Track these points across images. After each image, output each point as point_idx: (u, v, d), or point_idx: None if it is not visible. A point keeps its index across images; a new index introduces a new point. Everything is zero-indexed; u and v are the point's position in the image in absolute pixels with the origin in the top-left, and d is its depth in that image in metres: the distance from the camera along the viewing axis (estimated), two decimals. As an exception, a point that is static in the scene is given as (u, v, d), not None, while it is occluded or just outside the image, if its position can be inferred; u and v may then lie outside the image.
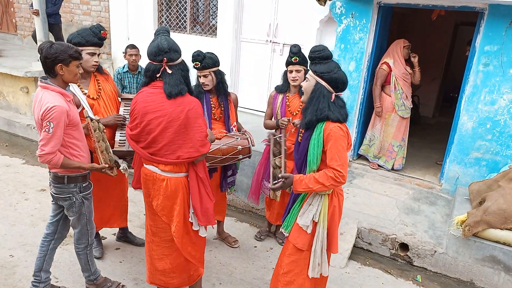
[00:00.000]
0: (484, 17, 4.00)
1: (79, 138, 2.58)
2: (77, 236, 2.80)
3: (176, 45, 2.44)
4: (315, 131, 2.31)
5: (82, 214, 2.70)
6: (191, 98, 2.45)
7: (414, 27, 7.65)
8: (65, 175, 2.57)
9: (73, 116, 2.49)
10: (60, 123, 2.37)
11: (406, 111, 4.91)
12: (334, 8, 4.74)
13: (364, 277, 3.47)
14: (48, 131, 2.35)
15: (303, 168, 2.45)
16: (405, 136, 5.05)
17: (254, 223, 4.23)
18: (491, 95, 4.06)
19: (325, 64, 2.36)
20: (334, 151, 2.25)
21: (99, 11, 7.48)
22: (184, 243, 2.63)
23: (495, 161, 4.16)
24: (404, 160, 5.09)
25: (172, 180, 2.50)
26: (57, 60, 2.38)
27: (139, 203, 4.42)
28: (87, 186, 2.71)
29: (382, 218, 3.97)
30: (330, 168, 2.25)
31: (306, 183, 2.29)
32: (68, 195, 2.61)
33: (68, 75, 2.46)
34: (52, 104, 2.34)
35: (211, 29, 6.26)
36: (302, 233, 2.42)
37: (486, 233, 3.33)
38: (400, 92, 4.83)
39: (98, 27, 2.96)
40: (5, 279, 3.07)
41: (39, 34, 5.97)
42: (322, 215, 2.37)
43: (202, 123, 2.45)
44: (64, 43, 2.44)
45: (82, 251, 2.85)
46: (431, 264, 3.59)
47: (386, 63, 4.81)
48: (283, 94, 3.43)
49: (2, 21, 9.82)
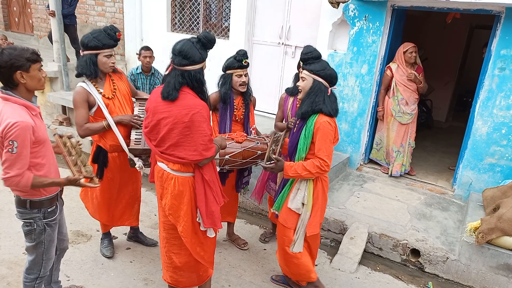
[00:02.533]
0: (500, 21, 3.94)
1: (45, 156, 2.28)
2: (29, 265, 2.45)
3: (190, 53, 2.33)
4: (307, 123, 2.63)
5: (40, 242, 2.38)
6: (198, 102, 2.40)
7: (428, 30, 7.57)
8: (27, 199, 2.26)
9: (40, 132, 2.19)
10: (25, 141, 2.07)
11: (404, 117, 4.79)
12: (347, 11, 4.72)
13: (374, 283, 3.44)
14: (11, 151, 2.05)
15: (293, 155, 2.77)
16: (405, 142, 4.88)
17: (263, 225, 4.23)
18: (507, 100, 3.99)
19: (318, 63, 2.66)
20: (322, 143, 2.58)
21: (113, 12, 7.58)
22: (193, 243, 2.64)
23: (510, 167, 4.08)
24: (403, 167, 4.90)
25: (180, 179, 2.52)
26: (14, 67, 2.07)
27: (150, 203, 4.45)
28: (53, 211, 2.39)
29: (393, 223, 3.93)
30: (317, 158, 2.59)
31: (295, 169, 2.63)
32: (29, 220, 2.31)
33: (31, 82, 2.15)
34: (14, 120, 2.04)
35: (223, 31, 6.29)
36: (290, 214, 2.79)
37: (501, 241, 3.27)
38: (398, 98, 4.75)
39: (112, 28, 2.95)
40: (18, 276, 3.12)
41: (54, 35, 6.08)
42: (307, 198, 2.73)
43: (206, 127, 2.41)
44: (17, 47, 2.14)
45: (29, 282, 2.48)
46: (443, 271, 3.54)
47: (389, 68, 4.76)
48: (294, 97, 3.43)
49: (19, 22, 10.03)
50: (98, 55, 2.89)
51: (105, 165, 3.12)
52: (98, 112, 2.96)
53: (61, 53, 6.11)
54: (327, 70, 2.62)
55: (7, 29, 10.17)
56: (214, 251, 2.83)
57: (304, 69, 2.67)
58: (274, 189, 3.56)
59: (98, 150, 3.10)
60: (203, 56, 2.39)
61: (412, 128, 4.91)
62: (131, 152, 3.01)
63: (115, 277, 3.22)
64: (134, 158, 3.03)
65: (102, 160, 3.10)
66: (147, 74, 4.67)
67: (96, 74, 2.92)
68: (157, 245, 3.68)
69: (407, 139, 4.89)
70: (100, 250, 3.51)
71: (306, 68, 2.65)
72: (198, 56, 2.36)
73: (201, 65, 2.41)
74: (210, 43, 2.40)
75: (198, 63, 2.38)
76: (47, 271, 2.52)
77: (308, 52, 2.70)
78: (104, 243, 3.51)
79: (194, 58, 2.35)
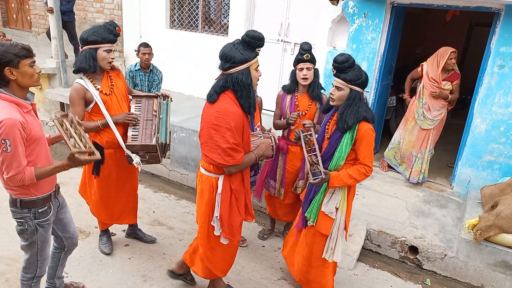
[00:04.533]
0: (500, 18, 3.93)
1: (40, 154, 2.23)
2: (25, 264, 2.44)
3: (230, 55, 2.30)
4: (349, 131, 2.56)
5: (33, 242, 2.34)
6: (230, 108, 2.32)
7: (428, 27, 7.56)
8: (17, 199, 2.22)
9: (32, 130, 2.13)
10: (16, 138, 2.02)
11: (425, 122, 4.52)
12: (347, 8, 4.70)
13: (373, 280, 3.44)
14: (6, 150, 2.01)
15: (327, 162, 2.69)
16: (424, 149, 4.59)
17: (262, 222, 4.23)
18: (506, 97, 3.99)
19: (353, 71, 2.54)
20: (367, 150, 2.58)
21: (112, 9, 7.55)
22: (204, 245, 2.67)
23: (509, 165, 4.08)
24: (421, 175, 4.63)
25: (204, 177, 2.56)
26: (2, 63, 2.02)
27: (148, 200, 4.45)
28: (45, 212, 2.32)
29: (391, 220, 3.93)
30: (362, 165, 2.59)
31: (342, 178, 2.59)
32: (21, 220, 2.27)
33: (22, 78, 2.09)
34: (0, 118, 1.99)
35: (222, 28, 6.27)
36: (325, 219, 2.73)
37: (498, 238, 3.28)
38: (422, 101, 4.53)
39: (112, 23, 2.95)
40: (17, 273, 3.12)
41: (53, 32, 6.06)
42: (342, 203, 2.71)
43: (229, 136, 2.31)
44: (5, 43, 2.08)
45: (26, 281, 2.47)
46: (441, 268, 3.55)
47: (422, 65, 4.58)
48: (292, 94, 3.40)
49: (17, 18, 9.98)
50: (97, 49, 2.89)
51: (102, 162, 3.11)
52: (95, 109, 2.96)
53: (59, 50, 6.09)
54: (363, 77, 2.55)
55: (5, 25, 10.13)
56: (228, 259, 2.81)
57: (339, 78, 2.55)
58: (273, 186, 3.56)
59: (94, 146, 3.09)
60: (245, 56, 2.31)
61: (434, 135, 4.63)
62: (128, 149, 3.01)
63: (114, 274, 3.23)
64: (132, 155, 3.03)
65: None
66: (145, 71, 4.66)
67: (95, 68, 2.90)
68: (155, 242, 3.68)
69: (427, 146, 4.60)
70: (99, 247, 3.51)
71: (343, 78, 2.53)
72: (239, 57, 2.30)
73: (245, 66, 2.31)
74: (253, 40, 2.31)
75: (240, 64, 2.31)
76: (43, 271, 2.50)
77: (344, 62, 2.51)
78: (103, 240, 3.52)
79: (235, 59, 2.29)
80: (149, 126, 3.09)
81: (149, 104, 3.19)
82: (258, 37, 2.33)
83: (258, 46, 2.37)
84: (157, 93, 3.29)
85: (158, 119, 3.12)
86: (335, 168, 2.67)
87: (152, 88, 4.72)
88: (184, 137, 4.89)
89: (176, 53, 6.51)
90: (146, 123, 3.10)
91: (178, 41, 6.47)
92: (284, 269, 3.46)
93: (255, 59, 2.37)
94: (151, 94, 3.27)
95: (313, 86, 3.28)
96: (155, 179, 5.16)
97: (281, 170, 3.49)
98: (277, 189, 3.54)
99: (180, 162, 5.02)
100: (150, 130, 3.07)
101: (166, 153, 3.25)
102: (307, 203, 2.84)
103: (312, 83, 3.27)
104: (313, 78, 3.26)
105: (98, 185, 3.20)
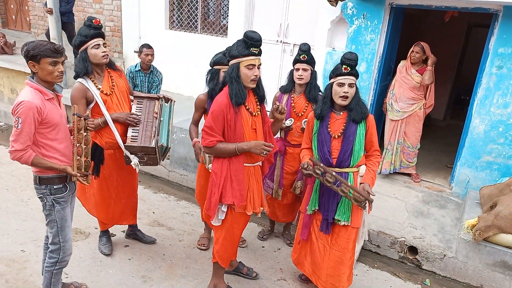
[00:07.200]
0: (498, 19, 3.95)
1: (57, 140, 2.46)
2: (50, 247, 2.63)
3: (230, 51, 2.58)
4: (360, 124, 2.70)
5: (52, 220, 2.56)
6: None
7: (426, 28, 7.58)
8: (36, 176, 2.48)
9: (49, 116, 2.38)
10: (27, 119, 2.27)
11: (393, 113, 4.69)
12: (346, 9, 4.72)
13: (372, 280, 3.45)
14: (17, 127, 2.28)
15: (347, 159, 2.73)
16: (393, 140, 4.73)
17: (262, 223, 4.23)
18: (504, 98, 4.01)
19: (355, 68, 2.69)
20: (375, 137, 2.76)
21: (111, 10, 7.55)
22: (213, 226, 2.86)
23: (507, 165, 4.10)
24: (391, 166, 4.75)
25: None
26: (28, 57, 2.32)
27: (148, 201, 4.45)
28: (60, 189, 2.53)
29: (391, 221, 3.94)
30: (375, 152, 2.78)
31: (372, 178, 2.73)
32: (40, 195, 2.53)
33: (42, 73, 2.35)
34: (21, 99, 2.28)
35: (221, 29, 6.28)
36: (357, 213, 2.79)
37: (497, 238, 3.29)
38: (393, 92, 4.73)
39: (89, 19, 2.95)
40: (17, 274, 3.12)
41: (52, 32, 6.06)
42: None
43: (209, 119, 2.60)
44: (36, 41, 2.37)
45: (49, 267, 2.64)
46: (440, 268, 3.55)
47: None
48: (288, 95, 3.40)
49: (16, 19, 9.97)
50: (86, 49, 2.91)
51: (102, 162, 3.11)
52: (96, 108, 2.96)
53: (59, 50, 6.09)
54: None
55: (4, 26, 10.11)
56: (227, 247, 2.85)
57: (352, 75, 2.66)
58: (271, 187, 3.56)
59: (94, 147, 3.09)
60: (237, 52, 2.51)
61: (408, 129, 4.67)
62: (127, 149, 3.01)
63: (114, 274, 3.23)
64: (130, 156, 3.03)
65: (98, 157, 3.09)
66: (146, 72, 4.66)
67: (87, 70, 2.92)
68: (155, 242, 3.68)
69: (395, 138, 4.72)
70: (99, 247, 3.51)
71: (354, 74, 2.66)
72: (234, 52, 2.53)
73: (235, 61, 2.53)
74: (247, 39, 2.49)
75: (232, 59, 2.55)
76: (66, 257, 2.65)
77: (356, 58, 2.66)
78: (103, 240, 3.52)
79: (230, 54, 2.57)
80: (149, 128, 3.08)
81: (150, 106, 3.17)
82: (252, 37, 2.49)
83: (252, 46, 2.50)
84: (160, 95, 3.27)
85: (159, 121, 3.12)
86: (357, 161, 2.74)
87: (152, 89, 4.72)
88: (184, 138, 4.89)
89: (176, 54, 6.52)
90: (147, 125, 3.09)
91: (178, 42, 6.48)
92: (284, 270, 3.47)
93: (248, 58, 2.52)
94: (153, 96, 3.24)
95: (309, 88, 3.28)
96: (155, 180, 5.16)
97: (279, 171, 3.49)
98: (275, 189, 3.55)
99: (179, 163, 5.02)
100: (150, 131, 3.07)
101: (165, 155, 3.25)
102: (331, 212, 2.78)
103: (308, 84, 3.28)
104: (310, 79, 3.27)
105: (98, 186, 3.20)
